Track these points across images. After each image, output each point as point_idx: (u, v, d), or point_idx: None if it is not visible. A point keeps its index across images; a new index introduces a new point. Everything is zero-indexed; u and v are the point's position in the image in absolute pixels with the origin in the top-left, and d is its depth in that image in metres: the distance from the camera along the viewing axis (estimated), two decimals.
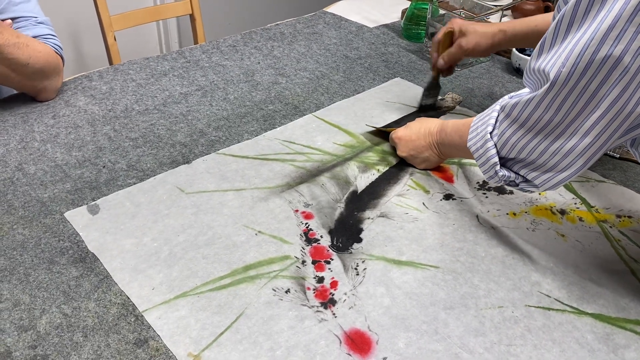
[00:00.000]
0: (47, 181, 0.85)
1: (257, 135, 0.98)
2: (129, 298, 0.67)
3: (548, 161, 0.65)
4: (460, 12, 1.28)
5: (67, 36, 2.20)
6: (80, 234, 0.75)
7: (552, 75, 0.60)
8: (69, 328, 0.63)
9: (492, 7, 1.25)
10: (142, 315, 0.65)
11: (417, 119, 0.93)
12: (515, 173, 0.70)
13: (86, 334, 0.62)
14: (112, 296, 0.67)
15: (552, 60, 0.60)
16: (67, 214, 0.78)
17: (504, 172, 0.70)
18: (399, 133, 0.92)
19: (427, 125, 0.89)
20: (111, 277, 0.69)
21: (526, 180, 0.70)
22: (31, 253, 0.72)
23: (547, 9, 1.44)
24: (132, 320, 0.64)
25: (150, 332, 0.63)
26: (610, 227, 0.81)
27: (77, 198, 0.82)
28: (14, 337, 0.62)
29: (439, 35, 1.01)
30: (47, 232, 0.75)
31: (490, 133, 0.70)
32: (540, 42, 0.63)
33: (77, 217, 0.78)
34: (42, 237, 0.74)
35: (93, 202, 0.81)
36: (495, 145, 0.69)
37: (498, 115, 0.70)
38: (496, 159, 0.70)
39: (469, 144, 0.74)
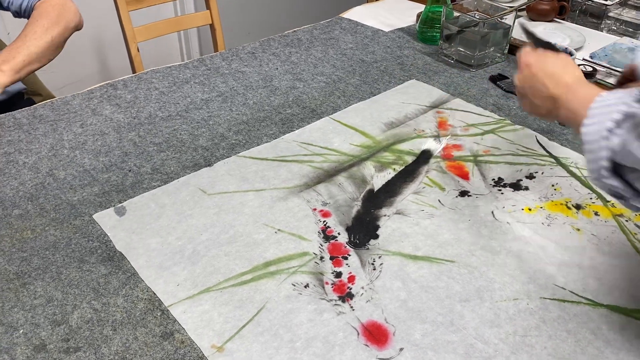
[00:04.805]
0: (76, 185, 0.89)
1: (275, 138, 1.01)
2: (155, 294, 0.70)
3: None
4: (475, 14, 1.29)
5: (93, 49, 2.27)
6: (108, 234, 0.79)
7: None
8: (99, 322, 0.66)
9: (507, 7, 1.26)
10: (168, 310, 0.67)
11: (561, 55, 0.74)
12: (628, 184, 0.58)
13: (115, 328, 0.65)
14: (139, 292, 0.70)
15: None
16: (95, 216, 0.82)
17: (612, 182, 0.58)
18: (530, 59, 0.75)
19: (563, 70, 0.71)
20: (138, 275, 0.72)
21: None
22: (62, 253, 0.76)
23: (562, 9, 1.44)
24: (159, 314, 0.67)
25: (176, 325, 0.66)
26: (626, 220, 0.82)
27: (105, 200, 0.85)
28: (48, 331, 0.65)
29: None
30: (77, 233, 0.79)
31: (609, 130, 0.57)
32: None
33: (105, 218, 0.82)
34: (72, 238, 0.78)
35: (120, 204, 0.84)
36: (611, 149, 0.57)
37: (624, 119, 0.57)
38: (606, 163, 0.58)
39: (583, 129, 0.61)
